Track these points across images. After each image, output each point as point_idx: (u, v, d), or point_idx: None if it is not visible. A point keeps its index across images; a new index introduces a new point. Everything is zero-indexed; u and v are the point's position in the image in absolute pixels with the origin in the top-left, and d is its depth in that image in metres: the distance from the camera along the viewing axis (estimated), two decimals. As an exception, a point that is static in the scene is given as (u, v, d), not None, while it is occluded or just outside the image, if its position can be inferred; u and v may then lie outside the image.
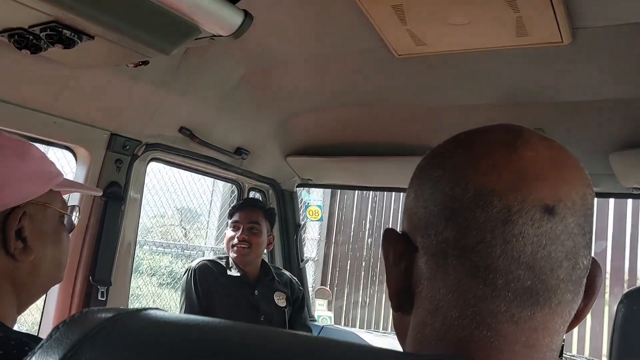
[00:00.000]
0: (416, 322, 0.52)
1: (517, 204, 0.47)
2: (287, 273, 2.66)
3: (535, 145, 0.50)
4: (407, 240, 0.53)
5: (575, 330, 5.04)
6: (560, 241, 0.47)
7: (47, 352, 0.36)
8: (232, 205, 2.55)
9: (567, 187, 0.49)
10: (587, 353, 4.82)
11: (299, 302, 2.58)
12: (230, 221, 2.44)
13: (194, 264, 2.41)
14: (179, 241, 5.76)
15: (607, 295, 4.97)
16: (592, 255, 0.52)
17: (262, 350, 0.37)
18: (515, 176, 0.48)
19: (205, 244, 5.61)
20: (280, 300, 2.46)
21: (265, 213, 2.47)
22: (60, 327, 0.38)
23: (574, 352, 4.82)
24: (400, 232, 0.55)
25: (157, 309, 0.41)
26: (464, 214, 0.48)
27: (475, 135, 0.53)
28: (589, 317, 5.02)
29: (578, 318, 0.53)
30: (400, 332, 0.56)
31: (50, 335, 0.38)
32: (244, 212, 2.43)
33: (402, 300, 0.53)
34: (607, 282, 5.05)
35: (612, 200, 5.03)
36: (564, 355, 2.21)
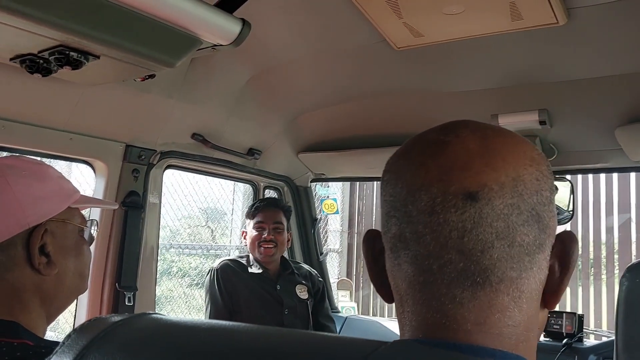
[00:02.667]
0: (397, 312, 0.57)
1: (440, 195, 0.51)
2: (306, 266, 2.72)
3: (465, 138, 0.53)
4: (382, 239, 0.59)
5: (604, 304, 5.01)
6: (487, 223, 0.50)
7: (60, 358, 0.41)
8: (251, 205, 2.57)
9: (494, 172, 0.51)
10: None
11: (320, 294, 2.63)
12: (253, 222, 2.47)
13: (215, 264, 2.47)
14: (206, 242, 5.82)
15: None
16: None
17: (251, 350, 0.42)
18: (440, 170, 0.52)
19: (230, 242, 5.67)
20: (302, 292, 2.51)
21: (285, 212, 2.53)
22: (72, 334, 0.43)
23: (604, 327, 4.80)
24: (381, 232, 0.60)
25: (157, 313, 0.46)
26: (401, 210, 0.53)
27: (416, 138, 0.58)
28: (616, 290, 4.98)
29: (556, 292, 0.55)
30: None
31: (63, 342, 0.43)
32: (268, 212, 2.47)
33: (386, 293, 0.58)
34: (634, 252, 5.00)
35: (633, 174, 4.98)
36: (584, 329, 2.23)
